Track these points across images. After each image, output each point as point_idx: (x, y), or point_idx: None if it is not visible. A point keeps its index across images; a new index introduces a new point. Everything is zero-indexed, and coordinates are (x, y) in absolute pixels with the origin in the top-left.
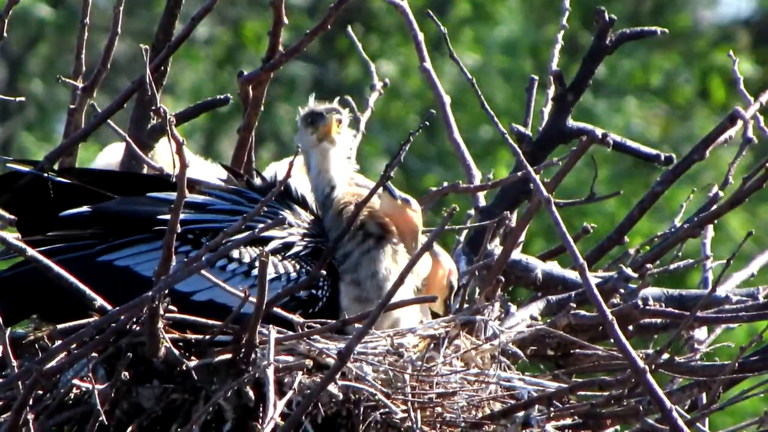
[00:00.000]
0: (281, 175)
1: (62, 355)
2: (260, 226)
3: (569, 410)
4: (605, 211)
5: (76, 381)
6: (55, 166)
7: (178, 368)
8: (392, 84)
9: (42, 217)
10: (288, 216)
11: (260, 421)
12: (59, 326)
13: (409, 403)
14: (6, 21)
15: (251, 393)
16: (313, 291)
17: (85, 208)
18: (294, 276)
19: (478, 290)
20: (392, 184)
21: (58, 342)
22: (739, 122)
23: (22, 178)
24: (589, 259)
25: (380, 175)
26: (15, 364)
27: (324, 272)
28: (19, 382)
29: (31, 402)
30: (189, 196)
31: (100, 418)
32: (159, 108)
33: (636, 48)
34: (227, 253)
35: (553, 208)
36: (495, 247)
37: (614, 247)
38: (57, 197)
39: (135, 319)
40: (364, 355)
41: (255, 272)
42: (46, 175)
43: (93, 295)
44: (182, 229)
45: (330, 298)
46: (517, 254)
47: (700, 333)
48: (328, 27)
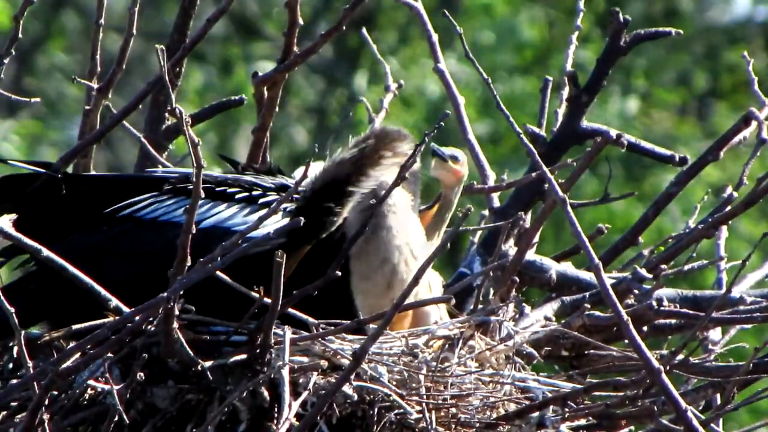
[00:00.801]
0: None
1: (77, 355)
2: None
3: (584, 411)
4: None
5: (91, 381)
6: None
7: (193, 369)
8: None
9: (50, 220)
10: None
11: (275, 421)
12: (74, 327)
13: (423, 404)
14: (21, 22)
15: (266, 394)
16: None
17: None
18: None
19: (492, 291)
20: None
21: (73, 343)
22: (754, 123)
23: (33, 181)
24: (603, 260)
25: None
26: (30, 364)
27: (339, 273)
28: (35, 382)
29: (46, 402)
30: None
31: (116, 419)
32: (175, 108)
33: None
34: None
35: (569, 208)
36: (509, 248)
37: (628, 248)
38: (68, 200)
39: (150, 320)
40: (379, 355)
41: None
42: (59, 176)
43: (108, 295)
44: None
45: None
46: (531, 255)
47: (715, 334)
48: (343, 28)
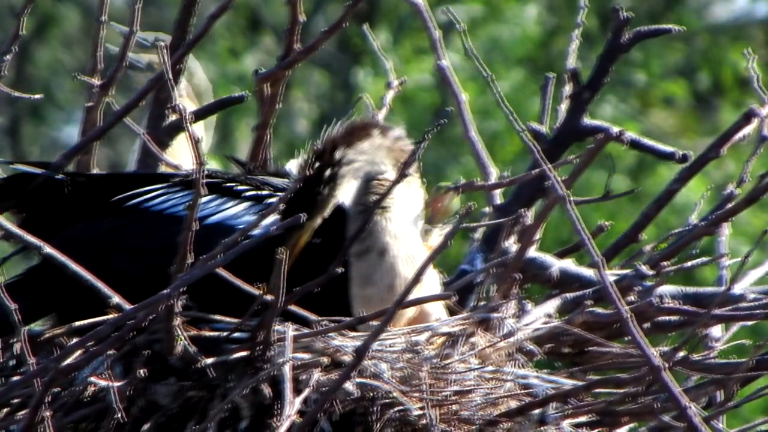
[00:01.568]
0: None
1: (79, 352)
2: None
3: (585, 408)
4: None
5: (92, 378)
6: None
7: (194, 366)
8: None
9: (51, 220)
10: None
11: (277, 418)
12: (76, 324)
13: (425, 401)
14: (23, 20)
15: (268, 390)
16: None
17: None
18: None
19: (494, 288)
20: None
21: (74, 339)
22: (755, 120)
23: (32, 181)
24: (605, 256)
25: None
26: (32, 361)
27: (341, 270)
28: (36, 379)
29: (47, 399)
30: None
31: (117, 416)
32: (176, 105)
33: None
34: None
35: (570, 206)
36: (511, 244)
37: (630, 244)
38: (69, 199)
39: (152, 317)
40: (381, 352)
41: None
42: (59, 176)
43: (109, 292)
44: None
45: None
46: (532, 252)
47: (716, 331)
48: (345, 25)
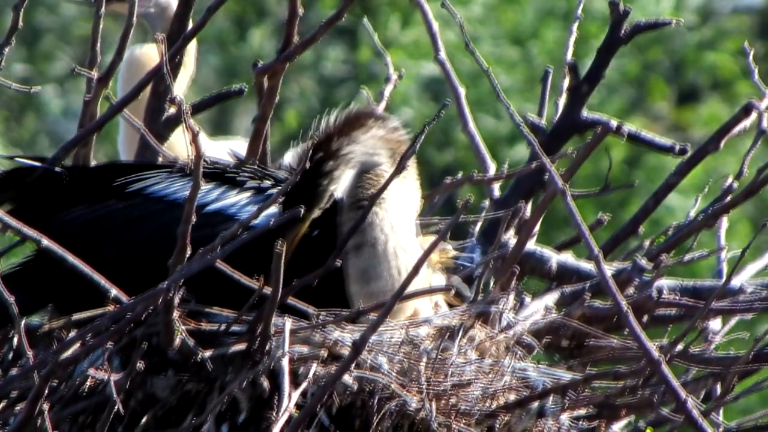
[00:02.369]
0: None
1: (77, 345)
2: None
3: (584, 400)
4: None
5: (91, 371)
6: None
7: (192, 359)
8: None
9: (49, 208)
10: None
11: (275, 411)
12: (74, 317)
13: (423, 394)
14: (21, 12)
15: (266, 383)
16: None
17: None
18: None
19: (492, 281)
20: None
21: (73, 332)
22: (754, 113)
23: (30, 174)
24: (604, 250)
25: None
26: (30, 354)
27: (339, 263)
28: (35, 372)
29: (46, 392)
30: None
31: (115, 408)
32: (175, 98)
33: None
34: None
35: (569, 198)
36: (509, 238)
37: (628, 237)
38: (68, 188)
39: (150, 310)
40: (379, 345)
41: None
42: (57, 169)
43: (108, 285)
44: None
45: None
46: (531, 245)
47: (715, 324)
48: (344, 17)
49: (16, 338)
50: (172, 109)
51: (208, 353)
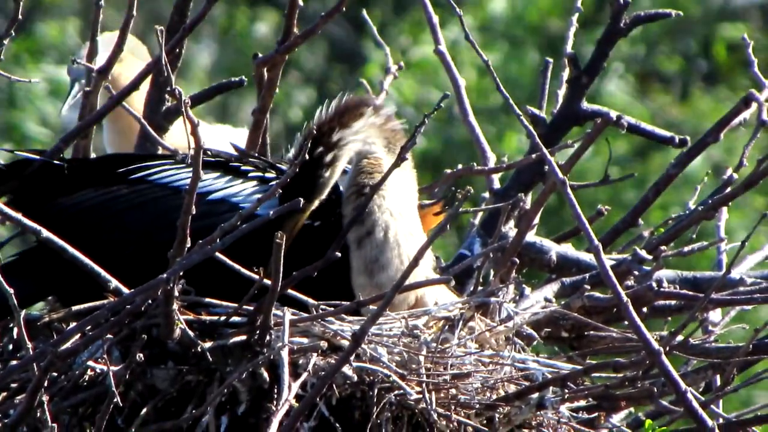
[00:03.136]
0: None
1: (77, 337)
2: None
3: (583, 392)
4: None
5: (90, 363)
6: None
7: (192, 350)
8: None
9: (45, 204)
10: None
11: (275, 402)
12: (74, 308)
13: (423, 385)
14: (21, 3)
15: (266, 375)
16: None
17: None
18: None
19: (492, 272)
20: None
21: (72, 324)
22: (754, 105)
23: (29, 166)
24: (603, 241)
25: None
26: (30, 346)
27: (339, 254)
28: (34, 363)
29: (45, 384)
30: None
31: (115, 400)
32: (174, 89)
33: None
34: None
35: (569, 190)
36: (509, 229)
37: (628, 229)
38: (67, 182)
39: (150, 301)
40: (379, 336)
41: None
42: (57, 162)
43: (108, 276)
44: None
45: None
46: (531, 236)
47: (715, 315)
48: (343, 9)
49: (15, 330)
50: (172, 100)
51: (208, 344)
